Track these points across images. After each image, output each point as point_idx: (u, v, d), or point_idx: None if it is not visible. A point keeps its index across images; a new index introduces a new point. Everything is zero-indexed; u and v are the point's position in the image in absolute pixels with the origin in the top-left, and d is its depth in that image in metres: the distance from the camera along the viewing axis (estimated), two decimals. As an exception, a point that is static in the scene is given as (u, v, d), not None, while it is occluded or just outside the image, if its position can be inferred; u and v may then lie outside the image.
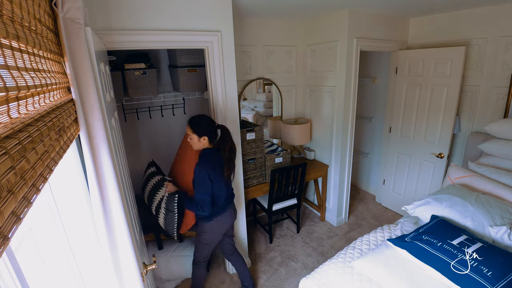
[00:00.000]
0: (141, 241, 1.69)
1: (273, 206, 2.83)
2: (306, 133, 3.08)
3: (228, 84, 2.10)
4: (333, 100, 2.88)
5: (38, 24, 0.67)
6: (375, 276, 1.52)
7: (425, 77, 2.83)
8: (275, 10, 2.45)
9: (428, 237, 1.58)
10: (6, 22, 0.48)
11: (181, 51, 2.37)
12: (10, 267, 0.66)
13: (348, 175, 3.11)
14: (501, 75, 2.46)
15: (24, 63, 0.55)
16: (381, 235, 1.99)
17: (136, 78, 2.30)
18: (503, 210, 1.72)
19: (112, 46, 1.65)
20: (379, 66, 3.49)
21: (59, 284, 0.99)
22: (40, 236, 0.93)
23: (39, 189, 0.54)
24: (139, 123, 2.67)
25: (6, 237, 0.39)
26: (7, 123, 0.46)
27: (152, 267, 1.31)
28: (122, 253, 1.05)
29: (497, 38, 2.43)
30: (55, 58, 0.81)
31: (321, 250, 2.82)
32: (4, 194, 0.40)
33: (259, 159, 2.73)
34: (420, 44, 3.01)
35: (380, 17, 2.74)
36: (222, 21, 1.95)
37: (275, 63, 3.05)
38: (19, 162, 0.46)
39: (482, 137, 2.53)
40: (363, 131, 3.92)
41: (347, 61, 2.63)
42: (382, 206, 3.62)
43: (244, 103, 3.21)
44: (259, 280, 2.47)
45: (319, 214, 3.40)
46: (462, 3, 2.37)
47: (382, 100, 3.51)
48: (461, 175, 2.21)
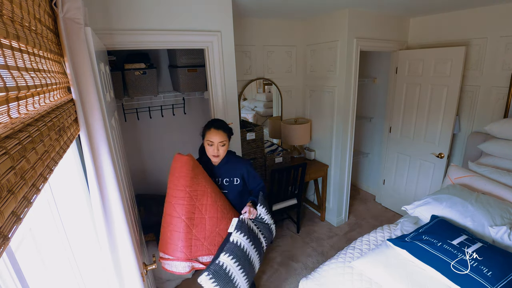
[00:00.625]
0: (141, 241, 1.69)
1: (273, 206, 2.83)
2: (306, 133, 3.08)
3: (228, 84, 2.10)
4: (333, 100, 2.88)
5: (38, 24, 0.67)
6: (375, 276, 1.52)
7: (425, 77, 2.83)
8: (275, 10, 2.45)
9: (428, 237, 1.58)
10: (6, 22, 0.48)
11: (181, 51, 2.37)
12: (10, 267, 0.66)
13: (348, 175, 3.11)
14: (501, 75, 2.46)
15: (24, 63, 0.55)
16: (381, 235, 1.99)
17: (136, 78, 2.30)
18: (503, 210, 1.72)
19: (112, 46, 1.65)
20: (379, 66, 3.49)
21: (59, 284, 0.99)
22: (40, 236, 0.93)
23: (39, 189, 0.54)
24: (139, 123, 2.67)
25: (6, 237, 0.39)
26: (7, 123, 0.46)
27: (152, 266, 1.31)
28: (122, 253, 1.05)
29: (497, 38, 2.43)
30: (55, 58, 0.81)
31: (321, 250, 2.82)
32: (4, 194, 0.40)
33: (259, 159, 2.73)
34: (420, 44, 3.01)
35: (380, 17, 2.74)
36: (222, 21, 1.95)
37: (275, 63, 3.05)
38: (19, 162, 0.46)
39: (482, 137, 2.53)
40: (363, 131, 3.91)
41: (347, 61, 2.63)
42: (382, 206, 3.62)
43: (244, 103, 3.21)
44: (259, 280, 2.47)
45: (319, 214, 3.40)
46: (462, 3, 2.37)
47: (382, 100, 3.51)
48: (461, 175, 2.20)
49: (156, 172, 2.85)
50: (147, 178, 2.84)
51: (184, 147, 2.90)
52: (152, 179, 2.86)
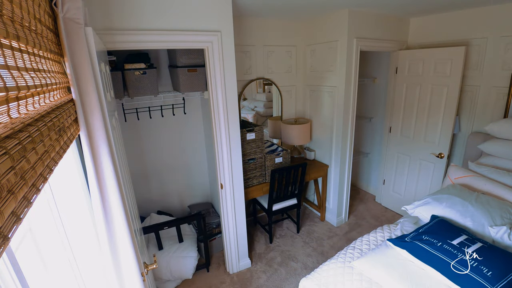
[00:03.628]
0: (141, 241, 1.69)
1: (273, 206, 2.83)
2: (306, 133, 3.08)
3: (228, 84, 2.10)
4: (333, 100, 2.88)
5: (38, 24, 0.67)
6: (375, 276, 1.52)
7: (425, 77, 2.83)
8: (275, 10, 2.45)
9: (428, 237, 1.58)
10: (6, 22, 0.48)
11: (181, 51, 2.37)
12: (10, 267, 0.66)
13: (348, 175, 3.11)
14: (501, 75, 2.46)
15: (24, 63, 0.55)
16: (381, 235, 1.99)
17: (136, 78, 2.30)
18: (503, 210, 1.72)
19: (113, 46, 1.65)
20: (379, 66, 3.49)
21: (59, 284, 0.99)
22: (40, 236, 0.93)
23: (39, 189, 0.54)
24: (139, 123, 2.67)
25: (6, 237, 0.39)
26: (7, 123, 0.46)
27: (153, 266, 1.31)
28: (122, 253, 1.05)
29: (497, 38, 2.43)
30: (55, 58, 0.81)
31: (321, 250, 2.82)
32: (4, 194, 0.40)
33: (259, 159, 2.73)
34: (420, 44, 3.01)
35: (380, 17, 2.75)
36: (222, 21, 1.95)
37: (275, 63, 3.05)
38: (19, 162, 0.46)
39: (482, 137, 2.53)
40: (363, 131, 3.91)
41: (347, 61, 2.63)
42: (382, 206, 3.62)
43: (244, 103, 3.21)
44: (259, 280, 2.47)
45: (319, 214, 3.40)
46: (462, 3, 2.37)
47: (382, 100, 3.52)
48: (461, 175, 2.21)
49: (156, 172, 2.85)
50: (147, 177, 2.84)
51: (184, 147, 2.91)
52: (152, 179, 2.86)
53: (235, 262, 2.55)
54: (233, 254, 2.53)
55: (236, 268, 2.57)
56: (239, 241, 2.53)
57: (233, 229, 2.46)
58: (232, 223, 2.43)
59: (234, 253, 2.53)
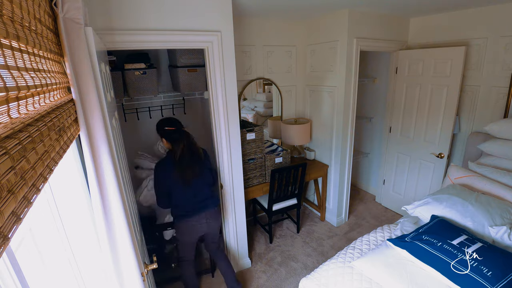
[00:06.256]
0: (142, 241, 1.69)
1: (273, 206, 2.83)
2: (306, 133, 3.08)
3: (228, 84, 2.10)
4: (333, 100, 2.88)
5: (38, 24, 0.67)
6: (375, 276, 1.52)
7: (425, 77, 2.83)
8: (275, 10, 2.44)
9: (428, 237, 1.58)
10: (6, 22, 0.48)
11: (181, 51, 2.37)
12: (10, 267, 0.66)
13: (348, 175, 3.11)
14: (501, 75, 2.46)
15: (24, 63, 0.55)
16: (381, 235, 1.99)
17: (136, 78, 2.30)
18: (503, 210, 1.72)
19: (113, 46, 1.65)
20: (379, 66, 3.49)
21: (59, 284, 0.99)
22: (40, 236, 0.93)
23: (39, 189, 0.54)
24: (139, 123, 2.67)
25: (6, 237, 0.39)
26: (7, 123, 0.46)
27: (153, 266, 1.31)
28: (122, 253, 1.05)
29: (497, 38, 2.43)
30: (55, 58, 0.81)
31: (321, 250, 2.82)
32: (4, 194, 0.40)
33: (259, 159, 2.73)
34: (420, 44, 3.01)
35: (380, 17, 2.75)
36: (222, 21, 1.95)
37: (275, 63, 3.05)
38: (19, 162, 0.46)
39: (482, 137, 2.53)
40: (363, 131, 3.91)
41: (347, 61, 2.63)
42: (382, 206, 3.62)
43: (244, 103, 3.21)
44: (259, 280, 2.47)
45: (319, 214, 3.40)
46: (462, 3, 2.37)
47: (382, 100, 3.51)
48: (461, 175, 2.21)
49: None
50: (147, 178, 2.83)
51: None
52: (152, 179, 2.86)
53: (235, 262, 2.55)
54: (233, 254, 2.53)
55: (236, 268, 2.57)
56: (239, 241, 2.53)
57: (233, 229, 2.46)
58: (232, 223, 2.43)
59: (234, 253, 2.53)
